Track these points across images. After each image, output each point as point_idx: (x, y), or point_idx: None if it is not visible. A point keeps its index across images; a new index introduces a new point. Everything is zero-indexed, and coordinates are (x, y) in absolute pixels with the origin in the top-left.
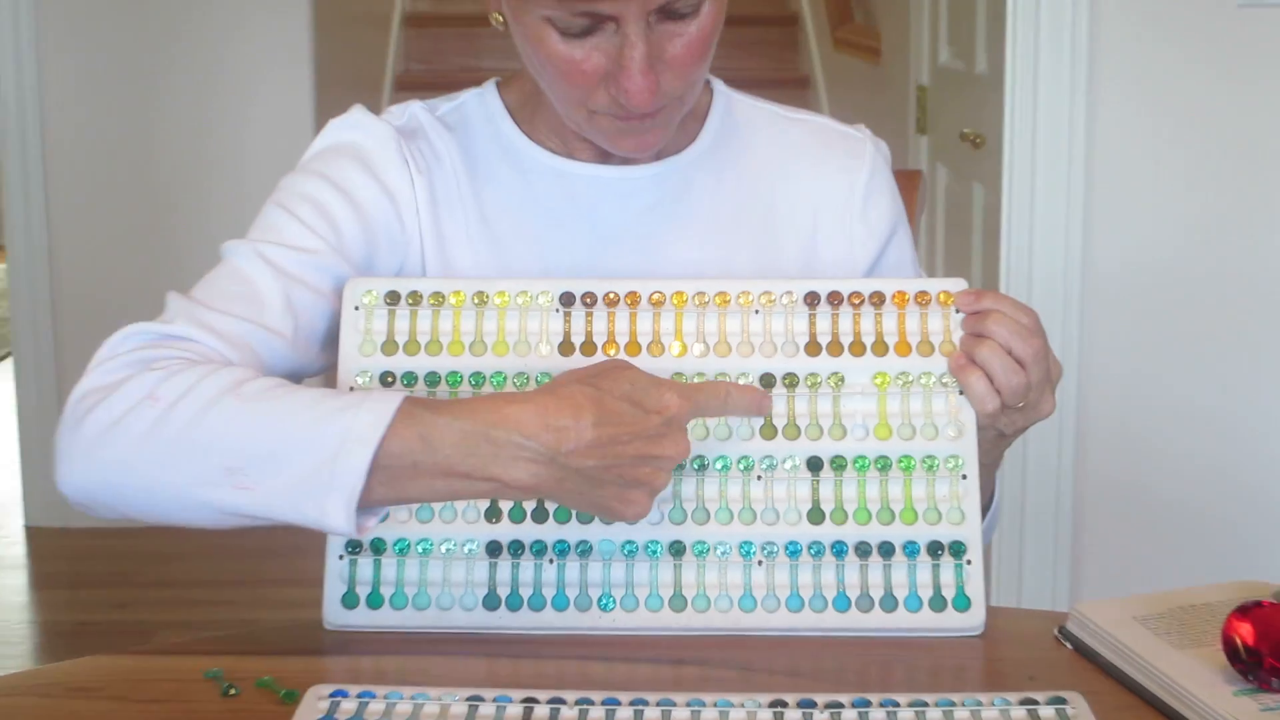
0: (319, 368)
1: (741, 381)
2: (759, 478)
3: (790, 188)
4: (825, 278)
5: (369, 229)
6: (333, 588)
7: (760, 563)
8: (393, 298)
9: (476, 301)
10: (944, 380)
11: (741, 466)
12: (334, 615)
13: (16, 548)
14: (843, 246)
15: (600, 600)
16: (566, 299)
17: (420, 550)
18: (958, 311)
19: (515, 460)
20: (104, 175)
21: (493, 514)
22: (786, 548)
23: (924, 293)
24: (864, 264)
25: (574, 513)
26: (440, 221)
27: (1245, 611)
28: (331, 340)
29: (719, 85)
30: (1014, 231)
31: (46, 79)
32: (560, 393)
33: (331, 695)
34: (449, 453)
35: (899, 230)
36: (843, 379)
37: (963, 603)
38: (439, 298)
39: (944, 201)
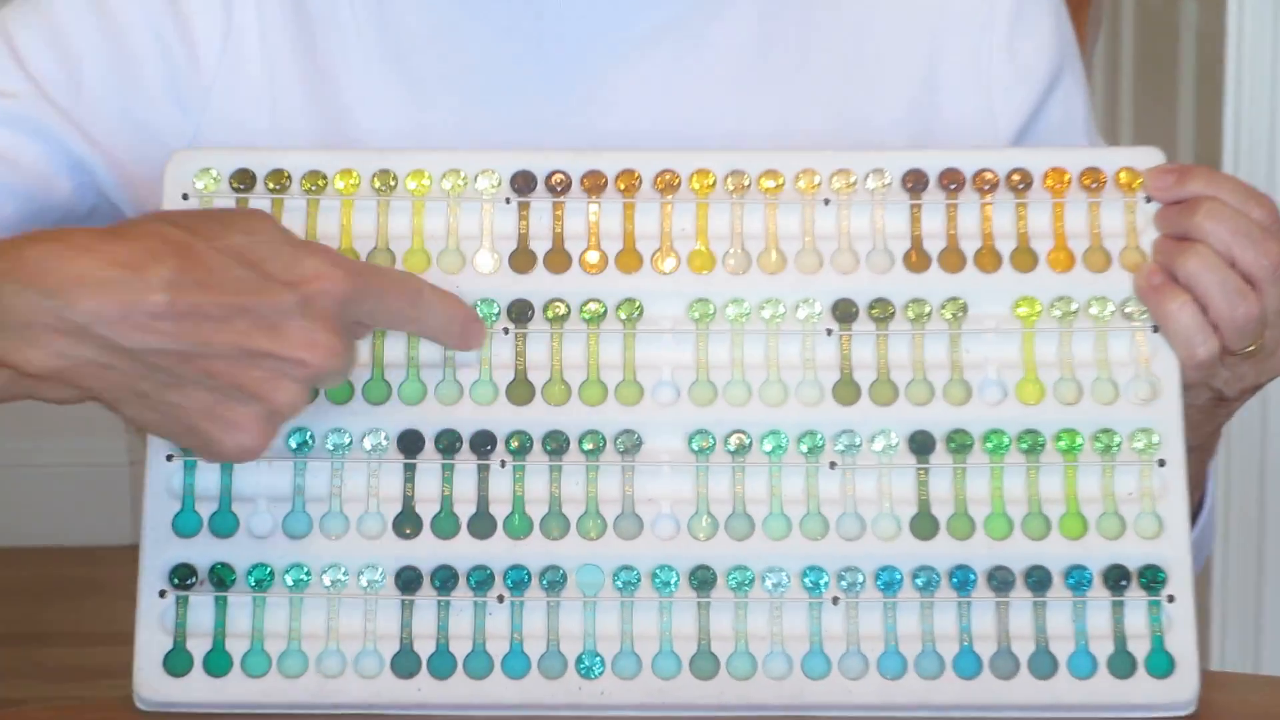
0: None
1: (802, 313)
2: (833, 465)
3: (892, 7)
4: (939, 149)
5: (130, 70)
6: (150, 643)
7: (836, 600)
8: (244, 180)
9: (379, 186)
10: (1128, 309)
11: (804, 447)
12: (152, 687)
13: None
14: (976, 102)
15: (580, 662)
16: (522, 183)
17: (291, 582)
18: (1149, 200)
19: (29, 330)
20: None
21: (407, 522)
22: (878, 576)
23: (1095, 170)
24: (1010, 128)
25: (536, 524)
26: (316, 57)
27: None
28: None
29: None
30: (1246, 73)
31: None
32: (127, 232)
33: None
34: None
35: (1066, 72)
36: (965, 308)
37: (1162, 663)
38: (318, 181)
39: (1134, 26)
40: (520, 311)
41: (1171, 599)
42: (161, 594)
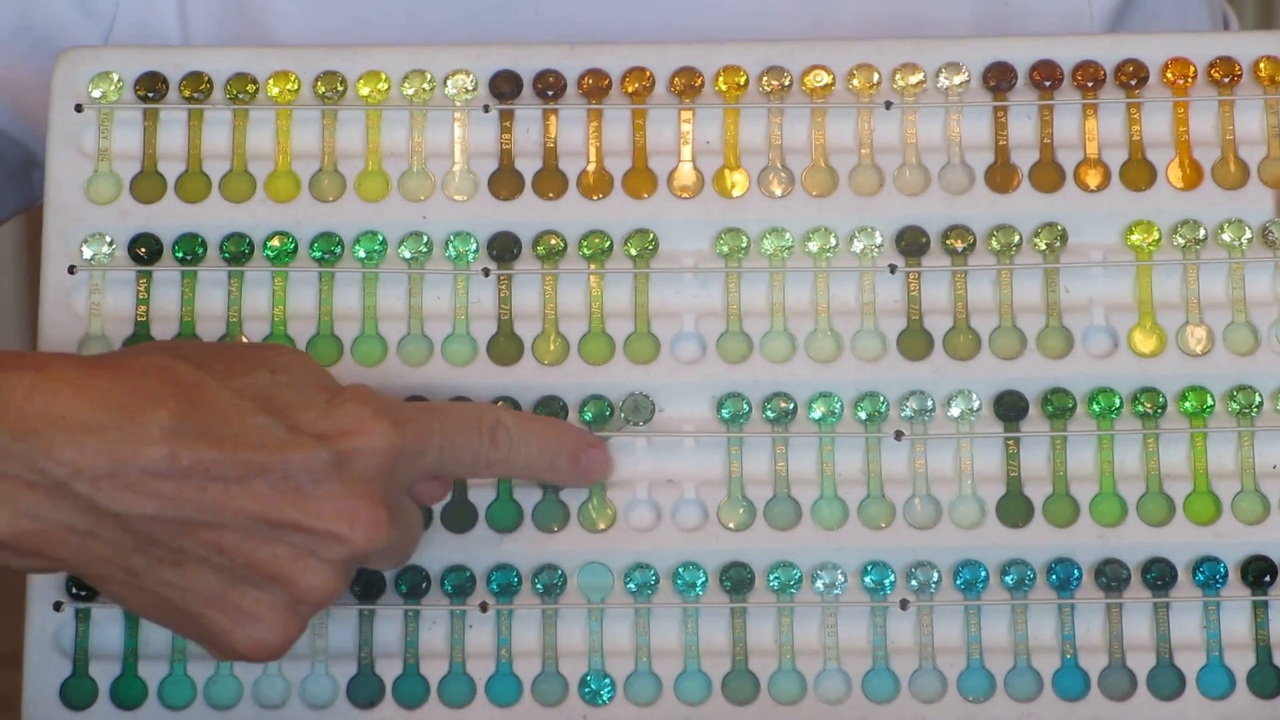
0: None
1: (859, 246)
2: (899, 436)
3: None
4: (1022, 34)
5: None
6: (42, 667)
7: (905, 604)
8: (153, 86)
9: (323, 93)
10: (1271, 233)
11: (863, 414)
12: (44, 718)
13: None
14: None
15: (585, 684)
16: (504, 85)
17: None
18: None
19: None
20: None
21: None
22: (957, 574)
23: (1228, 61)
24: (1107, 1)
25: (528, 514)
26: None
27: None
28: None
29: None
30: None
31: None
32: (121, 365)
33: None
34: None
35: None
36: (1064, 237)
37: None
38: (247, 86)
39: None
40: (504, 247)
41: None
42: (57, 606)
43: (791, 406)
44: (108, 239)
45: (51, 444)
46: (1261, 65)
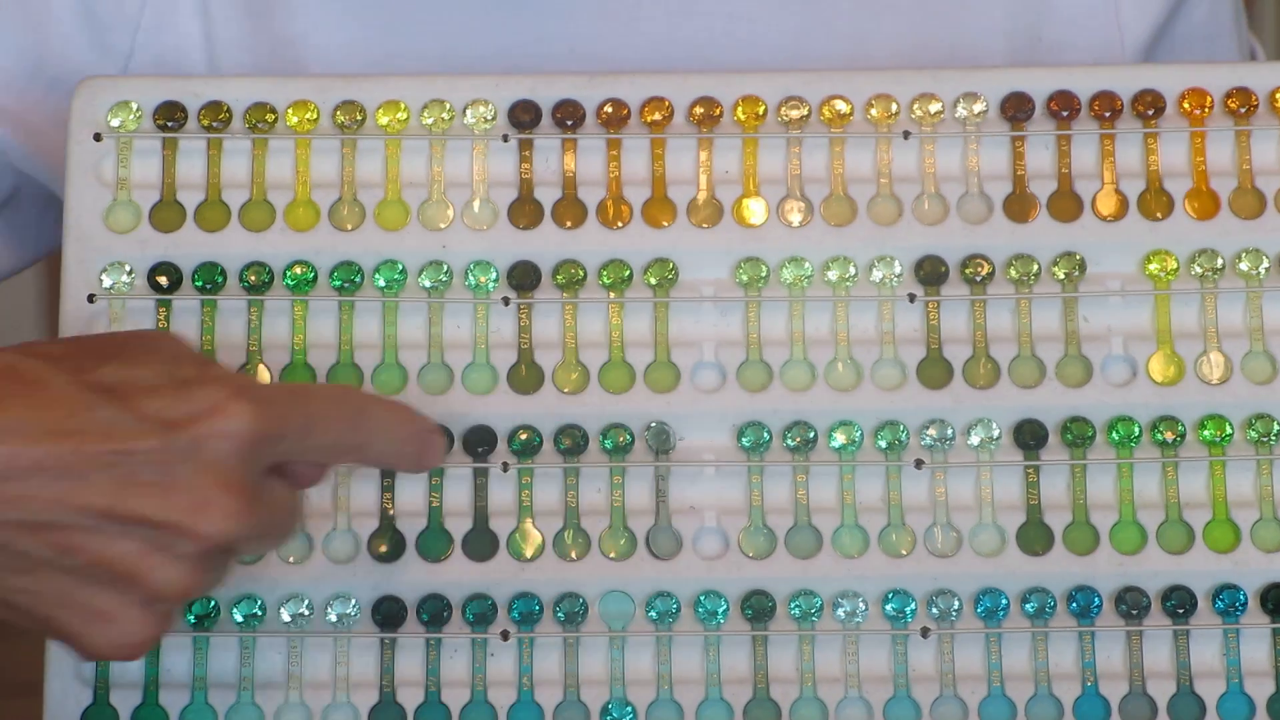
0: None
1: (878, 275)
2: (919, 464)
3: None
4: (1046, 65)
5: (34, 4)
6: (62, 696)
7: (926, 632)
8: (172, 115)
9: (343, 122)
10: None
11: (883, 442)
12: None
13: None
14: (1094, 2)
15: (607, 713)
16: (524, 115)
17: (240, 618)
18: None
19: None
20: None
21: (385, 541)
22: (978, 602)
23: (1244, 91)
24: (1140, 32)
25: (548, 542)
26: None
27: None
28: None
29: None
30: None
31: None
32: None
33: None
34: None
35: None
36: (1082, 266)
37: None
38: (266, 115)
39: None
40: (524, 276)
41: None
42: None
43: (812, 435)
44: (127, 268)
45: None
46: (1278, 95)
